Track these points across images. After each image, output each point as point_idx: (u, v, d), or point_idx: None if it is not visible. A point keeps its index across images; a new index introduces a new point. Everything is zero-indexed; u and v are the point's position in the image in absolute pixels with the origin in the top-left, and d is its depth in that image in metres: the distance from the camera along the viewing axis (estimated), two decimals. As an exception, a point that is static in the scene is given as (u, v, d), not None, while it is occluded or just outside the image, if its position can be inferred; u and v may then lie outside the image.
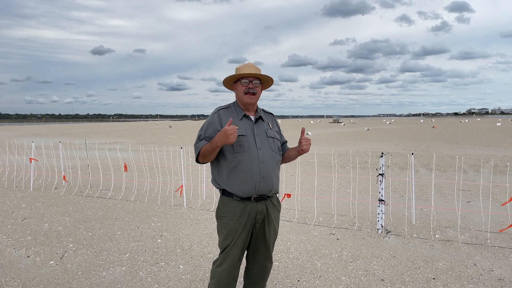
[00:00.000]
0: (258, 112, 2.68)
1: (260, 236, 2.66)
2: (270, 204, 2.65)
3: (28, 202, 6.81)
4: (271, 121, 2.77)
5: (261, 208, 2.58)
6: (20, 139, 21.42)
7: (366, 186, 7.97)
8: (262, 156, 2.54)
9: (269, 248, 2.73)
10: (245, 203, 2.55)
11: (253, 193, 2.53)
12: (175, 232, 5.08)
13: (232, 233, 2.56)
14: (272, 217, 2.67)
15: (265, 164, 2.53)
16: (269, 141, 2.62)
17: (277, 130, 2.79)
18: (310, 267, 3.94)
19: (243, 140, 2.52)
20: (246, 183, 2.50)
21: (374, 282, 3.58)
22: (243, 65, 2.64)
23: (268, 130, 2.66)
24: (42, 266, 3.96)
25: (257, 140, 2.56)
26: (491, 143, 19.50)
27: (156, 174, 9.17)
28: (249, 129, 2.58)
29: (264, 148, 2.57)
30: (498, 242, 4.60)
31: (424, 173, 9.95)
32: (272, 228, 2.69)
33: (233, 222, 2.55)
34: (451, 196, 7.07)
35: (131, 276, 3.72)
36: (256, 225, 2.61)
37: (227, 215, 2.58)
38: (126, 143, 20.80)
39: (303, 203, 6.60)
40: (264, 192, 2.56)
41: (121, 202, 6.83)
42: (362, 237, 4.83)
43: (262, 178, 2.52)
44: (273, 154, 2.62)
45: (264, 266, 2.77)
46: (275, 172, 2.62)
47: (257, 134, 2.59)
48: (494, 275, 3.71)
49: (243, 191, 2.52)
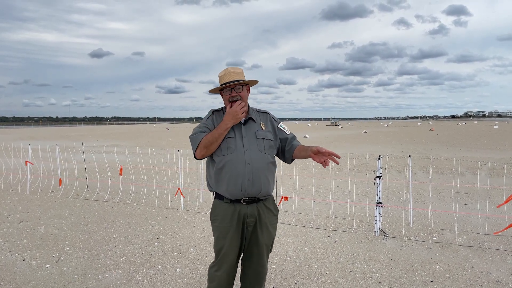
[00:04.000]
0: (248, 114, 2.62)
1: (253, 240, 2.61)
2: (263, 207, 2.59)
3: (24, 205, 6.77)
4: (265, 121, 2.69)
5: (251, 211, 2.54)
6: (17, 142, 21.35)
7: (364, 188, 7.97)
8: (249, 158, 2.48)
9: (262, 254, 2.66)
10: (235, 206, 2.52)
11: (240, 196, 2.49)
12: (172, 235, 5.05)
13: (223, 236, 2.55)
14: (266, 221, 2.61)
15: (252, 165, 2.47)
16: (259, 142, 2.55)
17: (270, 130, 2.67)
18: (308, 270, 3.93)
19: (230, 142, 2.50)
20: (232, 186, 2.47)
21: (371, 285, 3.57)
22: (223, 72, 2.57)
23: (258, 131, 2.59)
24: (38, 269, 3.94)
25: (244, 142, 2.51)
26: (488, 146, 19.56)
27: (154, 177, 9.14)
28: (237, 131, 2.54)
29: (252, 150, 2.51)
30: (495, 245, 4.60)
31: (421, 175, 9.96)
32: (266, 233, 2.62)
33: (223, 225, 2.54)
34: (448, 199, 7.08)
35: (127, 280, 3.69)
36: (248, 228, 2.57)
37: (218, 218, 2.57)
38: (123, 145, 20.75)
39: (301, 205, 6.59)
40: (252, 195, 2.50)
41: (118, 205, 6.80)
42: (360, 240, 4.82)
43: (248, 180, 2.46)
44: (263, 156, 2.54)
45: (258, 272, 2.71)
46: (265, 174, 2.54)
47: (246, 135, 2.54)
48: (491, 278, 3.70)
49: (230, 194, 2.49)
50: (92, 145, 17.77)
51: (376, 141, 24.63)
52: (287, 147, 2.73)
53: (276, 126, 2.73)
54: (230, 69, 2.57)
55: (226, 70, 2.58)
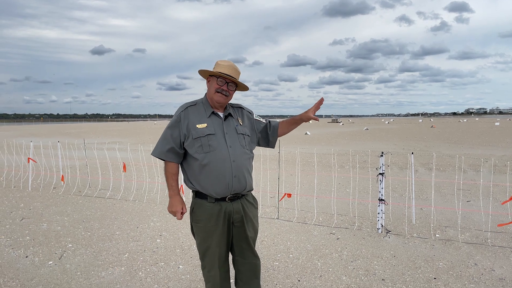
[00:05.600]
0: (227, 109, 2.58)
1: (242, 235, 2.60)
2: (246, 202, 2.60)
3: (26, 202, 6.78)
4: (241, 116, 2.66)
5: (237, 208, 2.52)
6: (18, 139, 21.35)
7: (366, 185, 7.96)
8: (234, 154, 2.45)
9: (252, 247, 2.67)
10: (220, 204, 2.48)
11: (227, 193, 2.46)
12: (174, 232, 5.05)
13: (209, 235, 2.51)
14: (250, 215, 2.62)
15: (237, 162, 2.45)
16: (240, 138, 2.53)
17: (247, 125, 2.66)
18: (311, 267, 3.92)
19: (212, 139, 2.44)
20: (218, 184, 2.43)
21: (375, 282, 3.56)
22: (225, 62, 2.52)
23: (238, 127, 2.56)
24: (41, 266, 3.94)
25: (227, 138, 2.47)
26: (489, 143, 19.52)
27: (155, 173, 9.14)
28: (218, 127, 2.49)
29: (234, 146, 2.48)
30: (498, 242, 4.59)
31: (423, 172, 9.94)
32: (251, 226, 2.64)
33: (209, 225, 2.49)
34: (451, 196, 7.06)
35: (130, 276, 3.69)
36: (235, 225, 2.56)
37: (203, 219, 2.50)
38: (124, 142, 20.75)
39: (303, 202, 6.58)
40: (238, 191, 2.50)
41: (120, 202, 6.80)
42: (362, 237, 4.82)
43: (234, 177, 2.44)
44: (245, 151, 2.53)
45: (254, 264, 2.70)
46: (248, 170, 2.55)
47: (227, 131, 2.50)
48: (495, 275, 3.69)
49: (216, 192, 2.45)
50: (94, 142, 17.78)
51: (377, 138, 24.60)
52: (269, 131, 2.76)
53: (252, 118, 2.73)
54: (234, 65, 2.54)
55: (229, 62, 2.53)
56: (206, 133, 2.44)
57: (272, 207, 6.24)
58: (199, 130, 2.44)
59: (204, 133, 2.44)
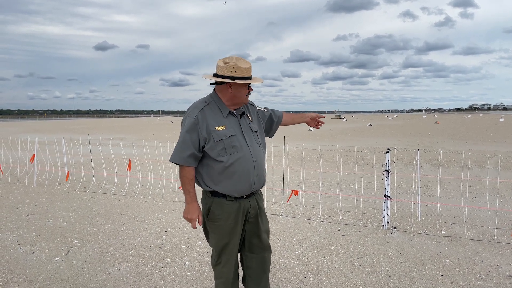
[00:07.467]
0: (241, 107, 2.55)
1: (255, 230, 2.62)
2: (259, 196, 2.65)
3: (31, 198, 6.81)
4: (250, 111, 2.63)
5: (253, 204, 2.57)
6: (22, 135, 21.43)
7: (370, 182, 7.94)
8: (255, 154, 2.47)
9: (264, 238, 2.68)
10: (239, 202, 2.49)
11: (247, 192, 2.49)
12: (179, 228, 5.06)
13: (228, 233, 2.52)
14: (262, 208, 2.68)
15: (258, 161, 2.48)
16: (255, 136, 2.54)
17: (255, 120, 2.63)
18: (317, 263, 3.92)
19: (234, 140, 2.40)
20: (241, 184, 2.43)
21: (381, 279, 3.56)
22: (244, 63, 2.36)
23: (251, 125, 2.55)
24: (48, 262, 3.95)
25: (246, 138, 2.46)
26: (494, 139, 19.42)
27: (160, 170, 9.16)
28: (237, 127, 2.45)
29: (253, 145, 2.48)
30: (505, 239, 4.57)
31: (428, 168, 9.90)
32: (265, 218, 2.70)
33: (228, 223, 2.49)
34: (456, 192, 7.03)
35: (137, 273, 3.70)
36: (249, 220, 2.58)
37: (222, 217, 2.48)
38: (128, 138, 20.80)
39: (307, 199, 6.57)
40: (257, 189, 2.56)
41: (125, 198, 6.81)
42: (368, 233, 4.81)
43: (256, 176, 2.47)
44: (261, 150, 2.56)
45: (264, 258, 2.70)
46: (265, 167, 2.60)
47: (244, 130, 2.48)
48: (502, 272, 3.68)
49: (237, 191, 2.45)
50: (98, 138, 17.82)
51: (381, 134, 24.52)
52: (275, 119, 2.80)
53: (256, 110, 2.72)
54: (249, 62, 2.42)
55: (247, 63, 2.39)
56: (228, 134, 2.38)
57: (277, 204, 6.24)
58: (220, 132, 2.37)
59: (226, 135, 2.38)
